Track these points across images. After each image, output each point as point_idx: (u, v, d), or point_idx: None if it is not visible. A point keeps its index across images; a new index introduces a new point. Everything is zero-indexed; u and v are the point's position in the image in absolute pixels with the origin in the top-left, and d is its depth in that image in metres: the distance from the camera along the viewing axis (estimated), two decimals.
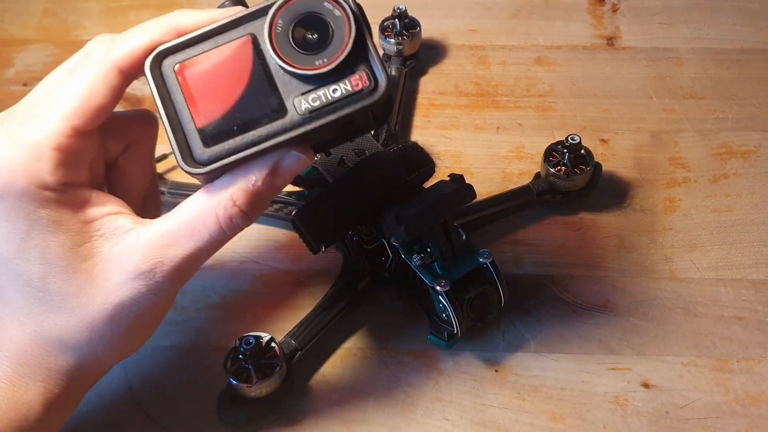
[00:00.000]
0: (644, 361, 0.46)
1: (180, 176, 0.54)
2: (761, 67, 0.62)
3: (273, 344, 0.43)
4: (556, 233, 0.52)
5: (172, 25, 0.34)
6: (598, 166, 0.53)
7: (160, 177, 0.53)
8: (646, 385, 0.45)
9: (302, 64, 0.33)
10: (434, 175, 0.46)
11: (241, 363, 0.42)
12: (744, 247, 0.51)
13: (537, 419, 0.44)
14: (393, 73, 0.60)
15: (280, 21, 0.33)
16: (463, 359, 0.47)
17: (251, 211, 0.34)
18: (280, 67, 0.33)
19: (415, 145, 0.46)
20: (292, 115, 0.33)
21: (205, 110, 0.33)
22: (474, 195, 0.43)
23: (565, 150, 0.51)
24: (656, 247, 0.51)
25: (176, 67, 0.33)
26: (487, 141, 0.58)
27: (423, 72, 0.62)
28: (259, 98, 0.33)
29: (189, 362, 0.47)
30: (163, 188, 0.52)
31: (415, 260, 0.43)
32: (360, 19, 0.33)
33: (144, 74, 0.34)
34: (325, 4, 0.33)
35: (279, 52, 0.33)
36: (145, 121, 0.40)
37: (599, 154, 0.55)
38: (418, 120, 0.59)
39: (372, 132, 0.49)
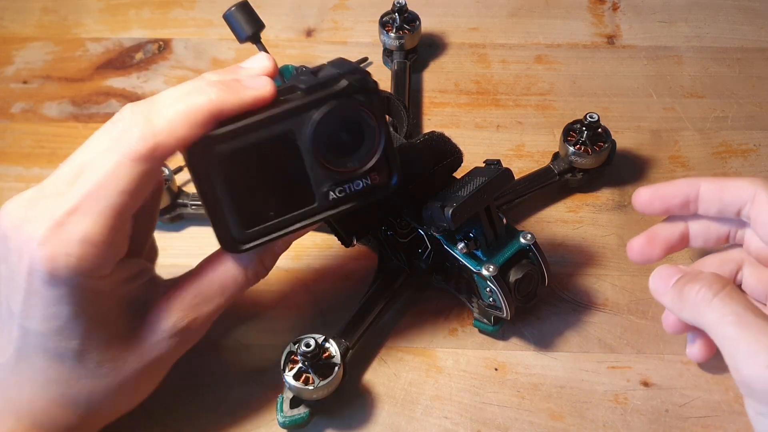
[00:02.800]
0: (644, 359, 0.46)
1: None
2: (761, 66, 0.62)
3: (328, 345, 0.43)
4: (556, 231, 0.52)
5: (213, 114, 0.34)
6: (613, 143, 0.53)
7: (180, 190, 0.53)
8: (645, 384, 0.45)
9: (336, 165, 0.36)
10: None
11: (300, 365, 0.42)
12: None
13: (537, 417, 0.44)
14: (395, 67, 0.60)
15: (321, 126, 0.35)
16: (462, 357, 0.47)
17: (272, 265, 0.40)
18: (318, 166, 0.36)
19: (441, 135, 0.46)
20: (319, 203, 0.37)
21: (243, 198, 0.36)
22: (513, 177, 0.43)
23: (584, 128, 0.52)
24: None
25: (218, 157, 0.35)
26: (488, 139, 0.58)
27: (423, 70, 0.62)
28: (293, 188, 0.37)
29: (189, 360, 0.47)
30: (185, 200, 0.52)
31: (460, 248, 0.43)
32: (389, 130, 0.37)
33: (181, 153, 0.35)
34: (362, 113, 0.36)
35: (318, 154, 0.36)
36: (156, 186, 0.41)
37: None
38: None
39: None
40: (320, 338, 0.42)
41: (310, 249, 0.52)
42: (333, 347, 0.43)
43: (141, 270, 0.38)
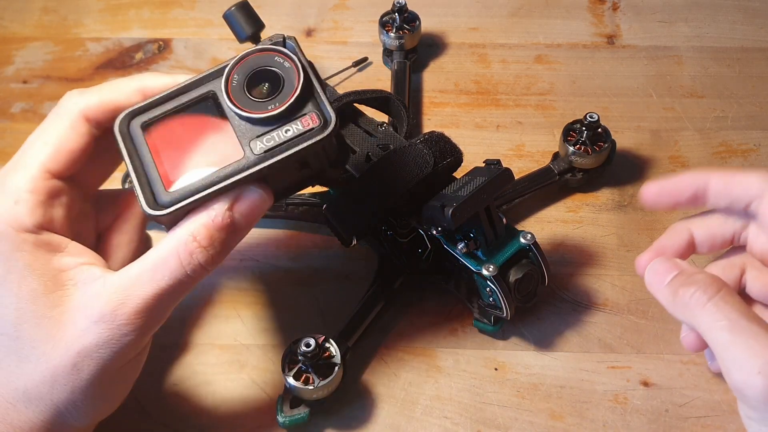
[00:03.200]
0: (644, 359, 0.46)
1: None
2: (761, 66, 0.62)
3: (328, 345, 0.43)
4: (556, 231, 0.52)
5: (139, 87, 0.38)
6: (612, 143, 0.53)
7: None
8: (645, 384, 0.45)
9: (256, 110, 0.35)
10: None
11: (300, 365, 0.42)
12: None
13: (536, 417, 0.44)
14: (395, 67, 0.60)
15: (235, 76, 0.36)
16: (462, 357, 0.47)
17: (211, 245, 0.35)
18: (236, 114, 0.36)
19: (441, 135, 0.46)
20: (248, 156, 0.35)
21: (167, 159, 0.36)
22: (513, 177, 0.43)
23: (584, 128, 0.52)
24: None
25: (142, 125, 0.37)
26: (487, 139, 0.58)
27: (423, 70, 0.62)
28: (217, 145, 0.36)
29: (190, 360, 0.47)
30: None
31: (460, 248, 0.43)
32: (307, 67, 0.36)
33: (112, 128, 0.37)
34: (276, 58, 0.36)
35: (235, 102, 0.36)
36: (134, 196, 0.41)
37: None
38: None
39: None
40: (320, 338, 0.42)
41: (310, 249, 0.52)
42: (333, 347, 0.43)
43: (87, 256, 0.37)
